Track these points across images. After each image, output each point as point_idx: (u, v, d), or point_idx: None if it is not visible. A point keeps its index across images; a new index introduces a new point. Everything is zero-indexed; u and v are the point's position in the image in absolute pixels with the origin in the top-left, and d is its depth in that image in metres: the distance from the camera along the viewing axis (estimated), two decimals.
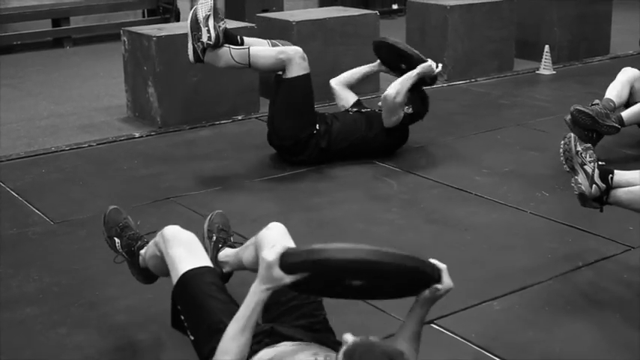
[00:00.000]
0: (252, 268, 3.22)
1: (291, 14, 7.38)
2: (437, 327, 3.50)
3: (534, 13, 8.84)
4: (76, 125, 6.69)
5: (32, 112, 7.08)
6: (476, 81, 7.99)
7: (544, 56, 8.31)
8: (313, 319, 2.93)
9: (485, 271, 4.02)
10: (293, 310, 2.93)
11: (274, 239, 3.02)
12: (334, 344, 2.76)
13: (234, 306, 2.90)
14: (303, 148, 5.43)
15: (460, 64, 8.09)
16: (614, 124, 5.39)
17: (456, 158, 5.70)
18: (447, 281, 2.64)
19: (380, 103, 5.59)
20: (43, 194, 5.08)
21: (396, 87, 5.47)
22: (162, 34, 6.52)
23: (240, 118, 6.72)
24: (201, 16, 5.12)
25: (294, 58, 5.29)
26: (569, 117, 5.45)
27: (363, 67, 6.00)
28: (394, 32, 9.25)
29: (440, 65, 5.72)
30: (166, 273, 3.12)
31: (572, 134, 4.12)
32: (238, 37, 5.37)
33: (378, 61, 5.96)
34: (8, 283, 3.95)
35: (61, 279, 3.97)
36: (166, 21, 10.30)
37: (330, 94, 6.03)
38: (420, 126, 6.33)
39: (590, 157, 4.00)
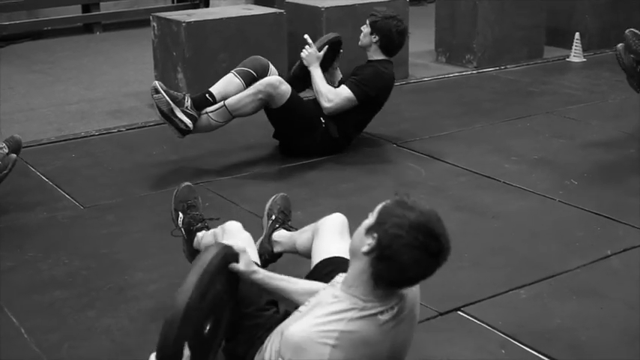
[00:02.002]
0: (305, 253, 3.32)
1: (321, 0, 7.37)
2: (463, 314, 3.50)
3: (565, 1, 8.77)
4: (106, 110, 6.73)
5: (62, 98, 7.13)
6: (505, 68, 7.95)
7: (574, 43, 8.26)
8: None
9: (512, 259, 4.01)
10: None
11: (333, 228, 3.17)
12: None
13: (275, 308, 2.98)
14: (321, 145, 5.46)
15: (490, 51, 8.05)
16: None
17: (484, 145, 5.68)
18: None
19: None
20: (73, 179, 5.11)
21: (320, 99, 5.41)
22: (192, 19, 6.53)
23: None
24: (165, 110, 5.10)
25: (272, 92, 5.19)
26: (620, 44, 5.37)
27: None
28: (424, 19, 9.26)
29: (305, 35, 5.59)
30: None
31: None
32: (207, 94, 5.29)
33: None
34: (38, 266, 3.98)
35: (90, 263, 4.00)
36: (195, 7, 10.32)
37: None
38: (449, 113, 6.33)
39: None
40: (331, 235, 3.19)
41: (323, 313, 2.42)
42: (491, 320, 3.44)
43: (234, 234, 3.17)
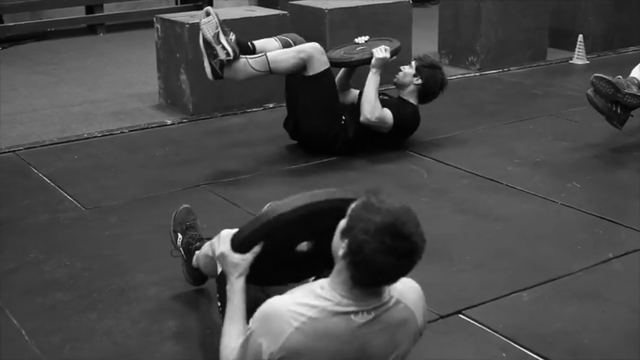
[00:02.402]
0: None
1: (324, 2, 7.37)
2: (464, 317, 3.50)
3: (568, 2, 8.77)
4: (109, 112, 6.73)
5: (65, 99, 7.13)
6: (509, 70, 7.95)
7: (578, 46, 8.25)
8: None
9: (514, 262, 4.01)
10: None
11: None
12: None
13: None
14: (334, 141, 5.43)
15: (493, 53, 8.05)
16: (637, 94, 5.33)
17: (487, 148, 5.68)
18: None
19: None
20: (75, 180, 5.11)
21: (366, 107, 5.36)
22: (195, 21, 6.52)
23: (271, 106, 6.72)
24: (209, 35, 5.08)
25: (314, 54, 5.26)
26: (590, 89, 5.40)
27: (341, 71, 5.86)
28: (427, 21, 9.26)
29: (385, 48, 5.58)
30: (214, 273, 3.14)
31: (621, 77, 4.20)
32: (249, 43, 5.33)
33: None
34: (40, 268, 3.99)
35: (92, 265, 4.01)
36: (199, 8, 10.29)
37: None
38: (451, 115, 6.32)
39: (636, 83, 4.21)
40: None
41: (302, 295, 2.48)
42: (493, 323, 3.44)
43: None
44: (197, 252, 3.52)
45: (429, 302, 3.55)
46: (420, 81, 5.56)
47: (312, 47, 5.29)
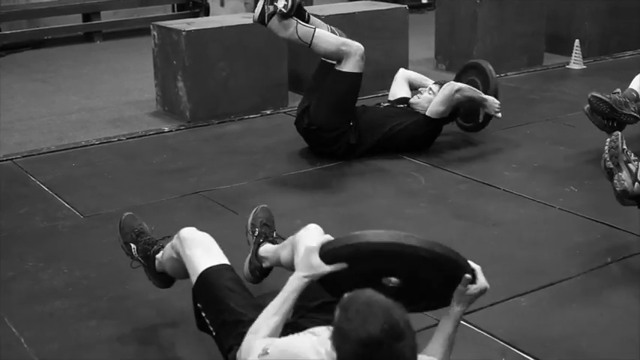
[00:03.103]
0: (289, 267, 3.25)
1: (321, 8, 7.38)
2: (463, 322, 3.49)
3: (565, 7, 8.77)
4: (106, 119, 6.73)
5: (63, 107, 7.13)
6: (506, 75, 7.95)
7: (574, 50, 8.26)
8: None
9: (513, 267, 4.01)
10: (321, 308, 2.92)
11: (311, 238, 3.05)
12: None
13: (254, 299, 2.97)
14: (334, 141, 5.44)
15: (490, 58, 7.99)
16: (633, 114, 5.32)
17: (484, 153, 5.68)
18: (482, 280, 2.68)
19: (434, 89, 5.65)
20: (73, 188, 5.11)
21: (464, 85, 5.57)
22: (192, 28, 6.54)
23: (268, 112, 6.73)
24: None
25: (355, 54, 5.29)
26: (587, 106, 5.40)
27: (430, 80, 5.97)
28: (423, 26, 9.26)
29: (499, 114, 5.73)
30: (183, 275, 3.17)
31: (619, 132, 4.13)
32: (307, 13, 5.40)
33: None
34: (39, 276, 3.99)
35: (90, 272, 4.00)
36: (196, 15, 10.32)
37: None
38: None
39: (634, 156, 4.04)
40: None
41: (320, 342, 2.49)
42: (492, 328, 3.44)
43: (194, 237, 3.15)
44: (158, 256, 3.48)
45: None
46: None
47: (357, 47, 5.33)
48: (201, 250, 3.08)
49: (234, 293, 2.94)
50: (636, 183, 3.97)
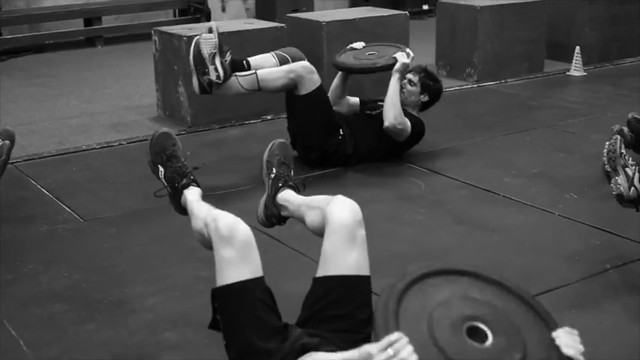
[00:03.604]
0: (316, 232, 3.06)
1: (322, 14, 7.40)
2: None
3: (565, 14, 8.80)
4: (107, 124, 6.75)
5: (64, 111, 7.15)
6: (506, 82, 7.97)
7: (575, 57, 8.28)
8: (355, 335, 2.75)
9: (512, 273, 3.99)
10: (334, 320, 2.78)
11: (343, 233, 2.87)
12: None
13: (277, 324, 2.78)
14: (331, 156, 5.45)
15: (490, 65, 8.08)
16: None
17: (484, 159, 5.69)
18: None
19: (414, 79, 5.63)
20: (74, 192, 5.12)
21: (390, 113, 5.35)
22: (193, 33, 6.54)
23: (269, 117, 6.74)
24: (206, 52, 5.06)
25: (304, 74, 5.26)
26: (615, 128, 5.30)
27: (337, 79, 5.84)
28: (424, 33, 9.28)
29: (408, 50, 5.64)
30: (209, 247, 2.93)
31: (618, 136, 4.14)
32: (244, 61, 5.32)
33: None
34: (38, 279, 3.99)
35: (90, 276, 4.01)
36: (197, 21, 10.35)
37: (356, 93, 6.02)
38: (449, 126, 6.34)
39: (632, 161, 4.05)
40: (342, 243, 2.86)
41: None
42: None
43: (234, 236, 2.82)
44: (186, 194, 3.32)
45: None
46: (427, 98, 5.62)
47: (302, 67, 5.28)
48: (235, 255, 2.76)
49: (257, 321, 2.71)
50: (632, 188, 3.97)
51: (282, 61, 5.41)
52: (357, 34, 7.05)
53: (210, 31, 5.11)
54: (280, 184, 3.42)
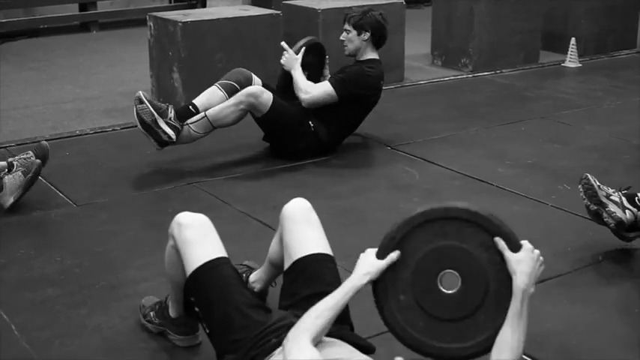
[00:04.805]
0: (276, 257, 3.18)
1: (317, 2, 7.37)
2: None
3: (561, 5, 8.80)
4: (101, 109, 6.73)
5: (58, 96, 7.13)
6: (501, 72, 7.97)
7: (570, 49, 8.27)
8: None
9: None
10: (313, 298, 2.80)
11: (297, 216, 3.05)
12: (354, 338, 2.75)
13: (251, 298, 2.88)
14: (312, 150, 5.47)
15: (485, 55, 8.07)
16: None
17: (478, 149, 5.69)
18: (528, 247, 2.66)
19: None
20: (67, 177, 5.11)
21: (299, 93, 5.42)
22: (188, 19, 6.53)
23: None
24: (148, 120, 5.04)
25: (253, 101, 5.20)
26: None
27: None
28: (420, 22, 9.27)
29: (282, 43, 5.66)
30: (181, 272, 2.99)
31: (587, 174, 4.12)
32: (189, 106, 5.26)
33: None
34: (30, 264, 3.98)
35: (83, 261, 4.00)
36: (192, 7, 10.33)
37: None
38: (444, 116, 6.33)
39: (611, 189, 4.07)
40: (298, 226, 3.03)
41: None
42: None
43: (193, 224, 2.98)
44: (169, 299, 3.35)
45: None
46: (368, 34, 5.50)
47: (247, 95, 5.20)
48: (198, 238, 2.93)
49: (230, 294, 2.82)
50: (627, 210, 4.01)
51: (231, 91, 5.32)
52: None
53: (140, 101, 5.08)
54: (247, 274, 3.52)
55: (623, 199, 4.04)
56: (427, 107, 6.45)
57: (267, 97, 5.23)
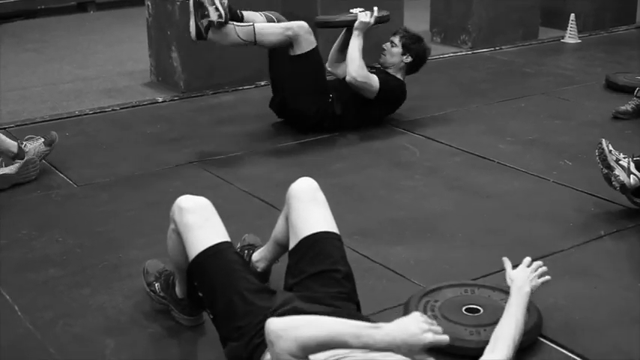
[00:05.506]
0: (285, 237, 3.12)
1: None
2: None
3: None
4: (100, 89, 6.71)
5: (56, 77, 7.11)
6: (500, 49, 7.95)
7: (569, 25, 8.25)
8: (341, 289, 2.84)
9: (506, 239, 4.01)
10: (318, 277, 2.85)
11: (304, 195, 3.05)
12: (360, 319, 2.66)
13: (255, 283, 2.83)
14: (321, 119, 5.43)
15: (485, 32, 8.04)
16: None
17: (479, 126, 5.68)
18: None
19: (395, 40, 5.62)
20: (67, 158, 5.10)
21: (351, 66, 5.38)
22: None
23: (263, 83, 6.70)
24: None
25: (301, 33, 5.23)
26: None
27: (337, 42, 5.84)
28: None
29: (375, 9, 5.60)
30: (184, 257, 2.96)
31: (602, 139, 4.25)
32: (238, 11, 5.29)
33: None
34: (32, 244, 3.98)
35: (85, 241, 4.00)
36: None
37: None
38: (444, 93, 6.33)
39: (623, 155, 4.18)
40: (304, 205, 3.02)
41: None
42: None
43: (194, 207, 2.94)
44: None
45: (421, 278, 3.57)
46: (410, 59, 5.57)
47: (299, 26, 5.26)
48: (199, 222, 2.88)
49: (235, 279, 2.78)
50: (631, 175, 4.10)
51: (269, 21, 5.37)
52: (351, 1, 7.00)
53: None
54: (251, 252, 3.52)
55: (632, 164, 4.14)
56: (427, 84, 6.43)
57: (313, 40, 5.30)
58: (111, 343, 3.17)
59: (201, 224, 2.89)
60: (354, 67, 5.35)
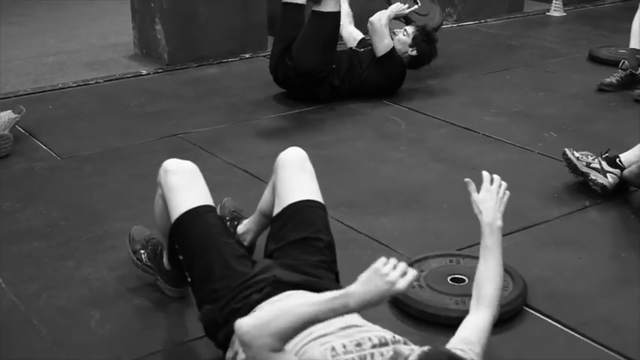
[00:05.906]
0: (271, 209, 3.07)
1: None
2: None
3: None
4: (83, 62, 6.67)
5: (39, 50, 7.05)
6: (485, 22, 7.93)
7: None
8: (322, 257, 2.83)
9: None
10: (299, 244, 2.83)
11: (292, 164, 3.04)
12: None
13: (236, 247, 2.83)
14: (320, 83, 5.42)
15: (470, 4, 8.02)
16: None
17: (464, 98, 5.67)
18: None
19: (409, 31, 5.65)
20: (50, 130, 5.07)
21: (379, 14, 5.53)
22: None
23: (247, 56, 6.68)
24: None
25: None
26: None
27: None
28: None
29: (416, 5, 5.74)
30: (167, 221, 2.94)
31: (565, 149, 4.26)
32: None
33: None
34: (16, 217, 3.96)
35: (69, 213, 3.98)
36: None
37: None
38: (429, 66, 6.30)
39: (591, 156, 4.21)
40: (291, 173, 3.01)
41: None
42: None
43: (180, 169, 2.93)
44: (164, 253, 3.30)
45: (406, 248, 3.58)
46: (414, 53, 5.60)
47: None
48: (183, 184, 2.88)
49: (213, 243, 2.77)
50: (608, 174, 4.13)
51: None
52: None
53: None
54: (236, 223, 3.51)
55: (603, 163, 4.16)
56: None
57: (339, 6, 5.33)
58: (96, 314, 3.17)
59: (184, 186, 2.88)
60: (381, 15, 5.51)
